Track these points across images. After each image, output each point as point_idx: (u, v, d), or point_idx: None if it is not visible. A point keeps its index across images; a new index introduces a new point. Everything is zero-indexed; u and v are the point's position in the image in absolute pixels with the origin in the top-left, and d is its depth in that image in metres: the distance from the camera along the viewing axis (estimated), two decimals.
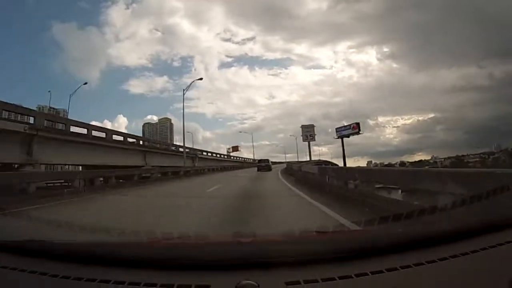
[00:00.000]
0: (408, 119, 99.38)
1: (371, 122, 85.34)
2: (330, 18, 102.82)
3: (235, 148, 67.60)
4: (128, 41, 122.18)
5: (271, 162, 48.26)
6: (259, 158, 42.54)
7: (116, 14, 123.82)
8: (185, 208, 7.36)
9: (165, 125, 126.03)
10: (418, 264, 1.12)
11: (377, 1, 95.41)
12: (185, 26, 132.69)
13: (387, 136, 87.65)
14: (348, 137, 51.16)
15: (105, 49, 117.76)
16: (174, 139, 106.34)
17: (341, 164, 43.64)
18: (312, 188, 10.39)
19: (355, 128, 50.52)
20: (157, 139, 77.95)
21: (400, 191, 5.88)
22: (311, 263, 1.14)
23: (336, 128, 53.86)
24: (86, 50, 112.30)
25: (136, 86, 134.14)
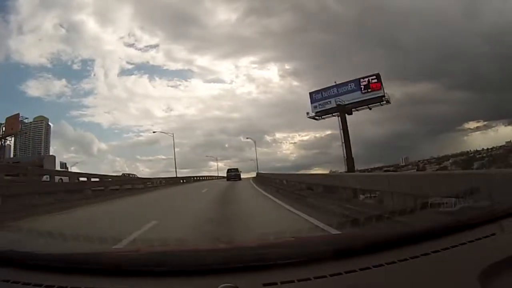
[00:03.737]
0: (306, 135, 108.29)
1: (268, 138, 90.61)
2: (237, 31, 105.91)
3: (10, 125, 29.66)
4: (32, 35, 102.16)
5: (160, 177, 42.90)
6: (228, 167, 40.37)
7: (24, 1, 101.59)
8: None
9: (40, 126, 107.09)
10: (390, 263, 1.20)
11: (286, 19, 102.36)
12: (91, 25, 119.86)
13: (284, 152, 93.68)
14: (350, 113, 27.19)
15: (6, 40, 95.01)
16: (51, 145, 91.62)
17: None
18: None
19: (375, 88, 25.48)
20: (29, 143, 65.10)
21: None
22: (288, 266, 1.21)
23: (311, 94, 30.20)
24: None
25: (33, 88, 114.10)
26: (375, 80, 26.49)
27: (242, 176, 37.65)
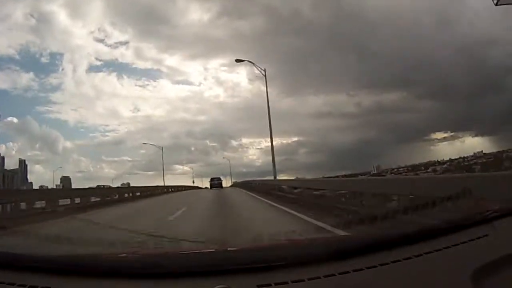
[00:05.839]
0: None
1: (234, 142, 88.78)
2: (208, 32, 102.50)
3: None
4: (2, 24, 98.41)
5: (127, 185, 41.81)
6: (211, 177, 44.24)
7: None
8: None
9: None
10: (383, 264, 1.23)
11: (257, 21, 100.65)
12: (62, 17, 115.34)
13: (250, 157, 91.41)
14: None
15: None
16: (16, 141, 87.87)
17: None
18: None
19: None
20: None
21: None
22: (282, 268, 1.22)
23: None
24: None
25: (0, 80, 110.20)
26: None
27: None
